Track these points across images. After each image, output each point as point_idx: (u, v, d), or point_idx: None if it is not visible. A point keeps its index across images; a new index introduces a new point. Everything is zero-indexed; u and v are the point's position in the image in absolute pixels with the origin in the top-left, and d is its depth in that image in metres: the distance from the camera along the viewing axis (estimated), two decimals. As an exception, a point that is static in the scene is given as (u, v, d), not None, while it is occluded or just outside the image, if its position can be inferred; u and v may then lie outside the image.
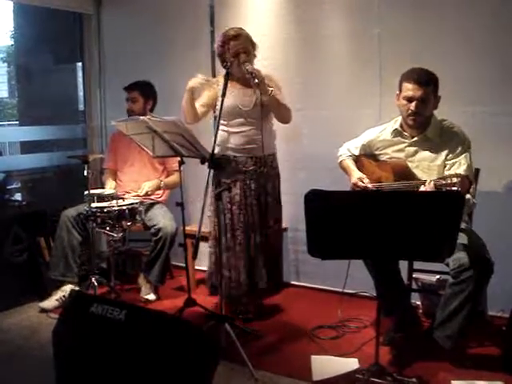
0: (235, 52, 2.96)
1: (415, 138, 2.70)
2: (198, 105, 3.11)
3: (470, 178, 2.51)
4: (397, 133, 2.76)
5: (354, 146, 2.93)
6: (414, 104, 2.59)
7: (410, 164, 2.68)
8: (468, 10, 3.00)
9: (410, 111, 2.62)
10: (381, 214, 2.06)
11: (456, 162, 2.60)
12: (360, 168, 2.85)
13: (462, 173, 2.46)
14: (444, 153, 2.63)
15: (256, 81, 2.82)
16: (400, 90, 2.67)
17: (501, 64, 2.95)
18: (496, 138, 2.96)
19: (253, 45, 3.06)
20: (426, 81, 2.59)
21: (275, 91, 2.98)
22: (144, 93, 3.74)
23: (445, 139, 2.65)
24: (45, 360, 2.30)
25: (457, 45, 3.03)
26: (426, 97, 2.58)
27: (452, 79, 2.89)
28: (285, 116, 3.09)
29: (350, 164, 2.89)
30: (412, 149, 2.71)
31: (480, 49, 2.99)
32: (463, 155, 2.60)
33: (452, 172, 2.49)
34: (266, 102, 2.95)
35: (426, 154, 2.68)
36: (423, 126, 2.68)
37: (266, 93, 2.91)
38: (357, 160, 2.91)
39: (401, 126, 2.75)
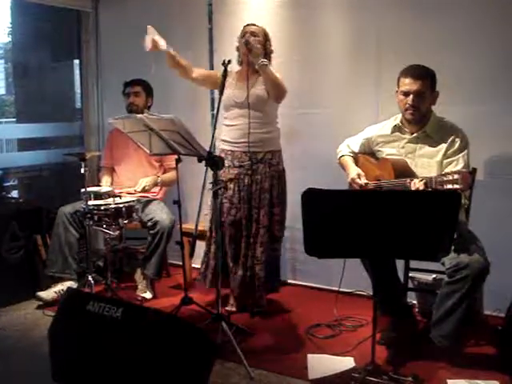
0: (245, 32, 3.05)
1: (414, 134, 2.72)
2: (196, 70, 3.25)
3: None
4: (396, 128, 2.78)
5: (354, 142, 2.95)
6: (410, 98, 2.62)
7: (409, 161, 2.69)
8: (467, 9, 3.00)
9: (407, 105, 2.65)
10: (377, 213, 2.06)
11: (453, 160, 2.61)
12: (358, 166, 2.85)
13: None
14: (443, 150, 2.64)
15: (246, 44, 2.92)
16: (398, 87, 2.70)
17: (501, 62, 2.95)
18: (496, 137, 2.96)
19: (267, 38, 3.13)
20: (422, 74, 2.62)
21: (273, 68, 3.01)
22: (146, 89, 3.79)
23: (443, 136, 2.65)
24: (41, 358, 2.30)
25: (456, 43, 3.03)
26: (422, 90, 2.60)
27: (452, 78, 2.89)
28: (277, 90, 3.04)
29: (349, 161, 2.91)
30: (411, 145, 2.73)
31: (480, 47, 2.99)
32: (461, 154, 2.61)
33: (449, 170, 2.48)
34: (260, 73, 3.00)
35: (426, 150, 2.69)
36: (422, 121, 2.69)
37: (257, 61, 2.94)
38: (356, 158, 2.92)
39: (401, 122, 2.77)
